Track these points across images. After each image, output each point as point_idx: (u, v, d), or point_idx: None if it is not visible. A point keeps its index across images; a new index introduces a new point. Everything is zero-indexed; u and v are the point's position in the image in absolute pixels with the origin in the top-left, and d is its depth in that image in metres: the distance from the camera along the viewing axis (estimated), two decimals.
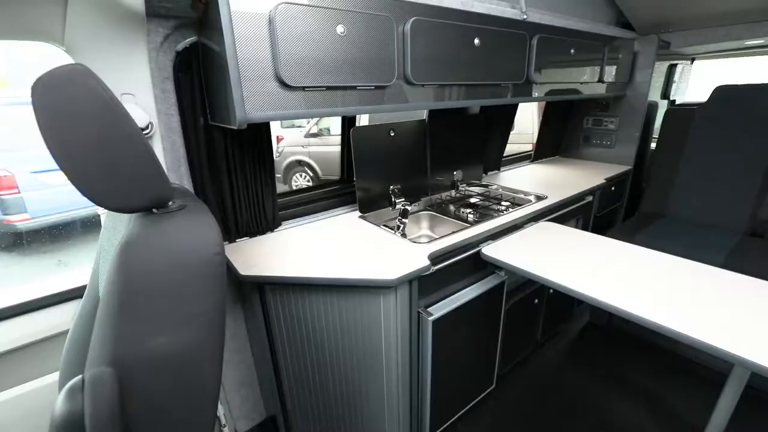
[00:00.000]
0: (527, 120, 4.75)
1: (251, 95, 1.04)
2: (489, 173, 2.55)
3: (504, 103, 1.79)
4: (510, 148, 3.24)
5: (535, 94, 1.89)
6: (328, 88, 1.16)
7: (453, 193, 2.14)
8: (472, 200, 2.04)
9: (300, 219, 1.77)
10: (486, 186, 2.23)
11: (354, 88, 1.22)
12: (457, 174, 2.16)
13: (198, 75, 1.25)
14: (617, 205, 2.67)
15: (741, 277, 1.24)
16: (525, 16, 1.66)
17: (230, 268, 1.36)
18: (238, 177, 1.45)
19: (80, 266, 1.78)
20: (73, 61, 1.03)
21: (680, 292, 1.17)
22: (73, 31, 1.00)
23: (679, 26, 2.39)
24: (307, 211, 1.81)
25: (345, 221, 1.72)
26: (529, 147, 3.18)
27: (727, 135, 2.24)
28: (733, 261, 1.83)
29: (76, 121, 0.54)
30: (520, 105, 2.50)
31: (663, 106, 2.99)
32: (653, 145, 2.72)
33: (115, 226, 0.83)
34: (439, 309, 1.42)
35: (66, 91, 0.53)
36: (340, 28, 1.12)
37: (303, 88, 1.12)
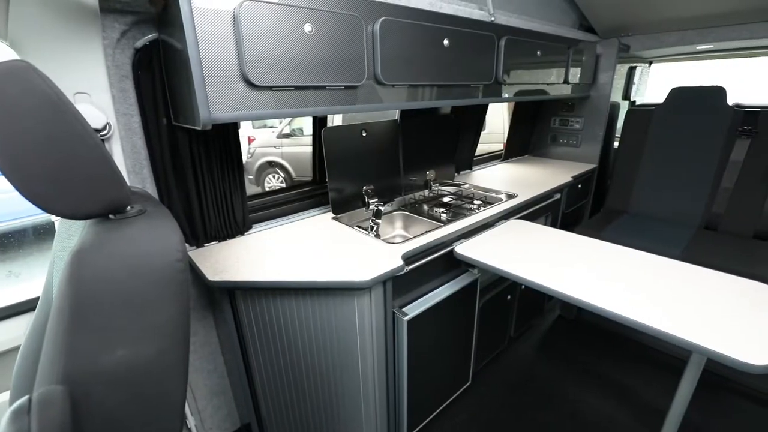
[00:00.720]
0: (498, 120, 4.87)
1: (216, 95, 1.01)
2: (461, 173, 2.58)
3: (474, 103, 1.82)
4: (482, 148, 3.30)
5: (505, 95, 1.93)
6: (297, 87, 1.14)
7: (426, 192, 2.15)
8: (445, 199, 2.07)
9: (272, 221, 1.73)
10: (458, 185, 2.26)
11: (324, 88, 1.20)
12: (430, 174, 2.18)
13: (160, 73, 1.20)
14: (584, 202, 2.77)
15: (697, 269, 1.31)
16: (492, 18, 1.69)
17: (198, 274, 1.31)
18: (205, 179, 1.40)
19: (33, 277, 1.68)
20: (18, 58, 0.97)
21: (642, 284, 1.23)
22: (17, 24, 0.94)
23: (637, 31, 2.51)
24: (279, 213, 1.78)
25: (318, 223, 1.70)
26: (501, 146, 3.25)
27: (682, 134, 2.37)
28: (690, 253, 1.94)
29: (17, 121, 0.50)
30: (491, 105, 2.55)
31: (625, 107, 3.12)
32: (616, 143, 2.84)
33: (70, 233, 0.79)
34: (414, 308, 1.42)
35: (5, 89, 0.50)
36: (307, 27, 1.10)
37: (270, 88, 1.10)
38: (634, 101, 3.30)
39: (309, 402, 1.49)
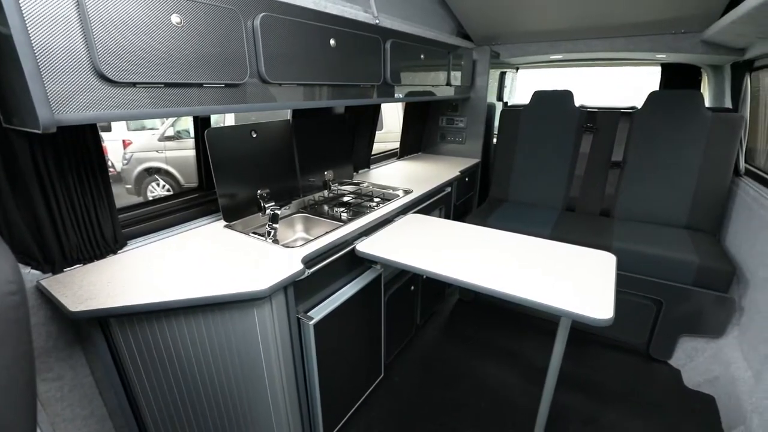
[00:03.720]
0: (396, 119, 5.07)
1: (60, 92, 0.85)
2: (360, 171, 2.63)
3: (367, 103, 1.86)
4: (380, 147, 3.40)
5: (398, 95, 2.02)
6: (167, 85, 1.02)
7: (326, 193, 2.14)
8: (345, 199, 2.08)
9: (153, 235, 1.54)
10: (357, 184, 2.29)
11: (200, 85, 1.10)
12: (328, 174, 2.17)
13: None
14: (471, 194, 3.05)
15: (560, 245, 1.54)
16: (377, 21, 1.75)
17: (57, 306, 1.10)
18: (57, 192, 1.17)
19: None
20: None
21: (519, 263, 1.39)
22: None
23: (505, 40, 2.85)
24: (163, 225, 1.59)
25: (208, 233, 1.56)
26: (398, 145, 3.39)
27: (545, 130, 2.76)
28: (556, 232, 2.27)
29: None
30: (389, 105, 2.65)
31: (500, 107, 3.52)
32: (495, 140, 3.19)
33: None
34: (320, 311, 1.40)
35: None
36: (175, 18, 0.99)
37: (134, 85, 0.96)
38: (507, 102, 3.74)
39: (214, 428, 1.37)
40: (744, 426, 1.47)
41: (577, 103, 2.71)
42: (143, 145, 5.47)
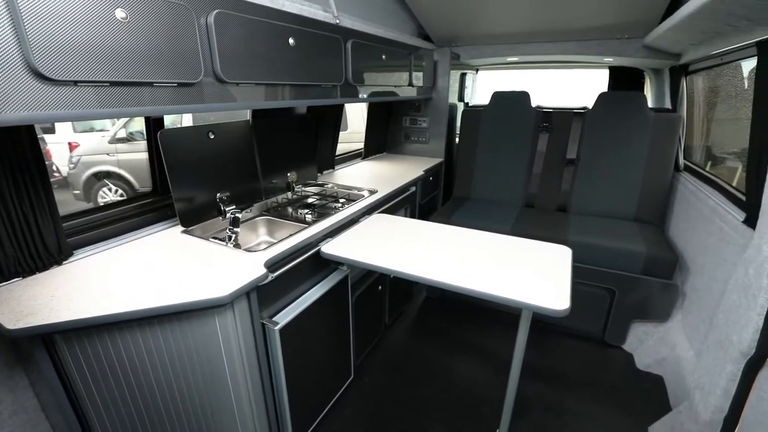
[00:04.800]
0: (361, 120, 5.06)
1: None
2: (324, 172, 2.60)
3: (329, 103, 1.85)
4: (346, 147, 3.39)
5: (362, 96, 2.01)
6: (113, 83, 0.96)
7: (289, 195, 2.10)
8: (309, 200, 2.05)
9: (103, 243, 1.45)
10: (322, 185, 2.27)
11: (150, 84, 1.05)
12: (292, 175, 2.13)
13: None
14: (436, 192, 3.10)
15: (520, 240, 1.60)
16: (337, 21, 1.73)
17: None
18: None
19: None
20: None
21: (483, 259, 1.43)
22: None
23: (464, 42, 2.92)
24: (115, 232, 1.50)
25: (164, 239, 1.49)
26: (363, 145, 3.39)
27: (504, 130, 2.86)
28: (517, 228, 2.36)
29: None
30: (353, 106, 2.63)
31: (461, 108, 3.60)
32: (457, 140, 3.26)
33: None
34: (285, 315, 1.37)
35: None
36: (120, 13, 0.94)
37: (75, 83, 0.90)
38: (468, 103, 3.84)
39: None
40: (688, 401, 1.59)
41: (533, 104, 2.82)
42: (92, 148, 5.14)
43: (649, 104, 2.82)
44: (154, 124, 1.59)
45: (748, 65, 1.88)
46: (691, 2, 1.42)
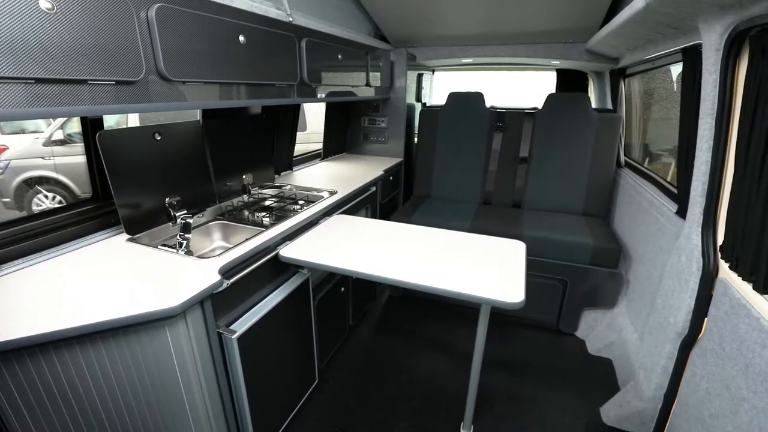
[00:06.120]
0: (320, 120, 4.99)
1: None
2: (282, 174, 2.54)
3: (284, 103, 1.80)
4: (306, 147, 3.32)
5: (320, 96, 1.98)
6: (39, 80, 0.88)
7: (245, 197, 2.03)
8: (267, 203, 1.99)
9: (37, 255, 1.33)
10: (280, 187, 2.21)
11: (84, 82, 0.97)
12: (247, 177, 2.05)
13: None
14: (396, 192, 3.12)
15: (478, 236, 1.65)
16: (290, 19, 1.70)
17: None
18: None
19: None
20: None
21: (443, 256, 1.46)
22: None
23: (419, 43, 2.96)
24: (49, 243, 1.38)
25: (108, 248, 1.39)
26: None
27: (461, 129, 2.93)
28: (475, 224, 2.42)
29: None
30: (312, 106, 2.59)
31: (419, 108, 3.65)
32: (417, 139, 3.30)
33: None
34: (244, 323, 1.32)
35: None
36: (44, 3, 0.86)
37: None
38: (425, 103, 3.90)
39: None
40: (633, 381, 1.71)
41: (488, 104, 2.92)
42: (24, 151, 4.70)
43: (593, 105, 3.00)
44: (91, 125, 1.47)
45: (676, 69, 2.06)
46: (624, 11, 1.52)
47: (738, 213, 1.18)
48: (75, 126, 4.77)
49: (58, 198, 4.80)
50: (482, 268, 1.38)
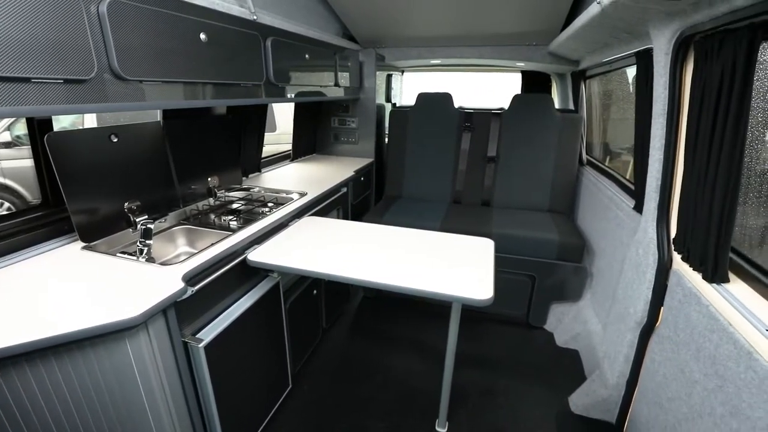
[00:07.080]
0: (290, 121, 4.90)
1: None
2: (250, 176, 2.48)
3: (250, 103, 1.75)
4: (276, 148, 3.26)
5: (289, 95, 1.94)
6: None
7: (211, 201, 1.96)
8: (234, 206, 1.93)
9: None
10: (248, 189, 2.15)
11: (28, 80, 0.90)
12: (213, 180, 1.99)
13: None
14: (368, 192, 3.12)
15: (448, 235, 1.67)
16: (255, 17, 1.65)
17: None
18: None
19: None
20: None
21: (414, 256, 1.47)
22: None
23: (388, 44, 2.96)
24: None
25: (60, 257, 1.30)
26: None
27: (430, 129, 2.96)
28: (445, 223, 2.46)
29: None
30: (282, 106, 2.53)
31: (389, 108, 3.66)
32: (387, 139, 3.31)
33: None
34: (211, 331, 1.28)
35: None
36: None
37: None
38: (395, 103, 3.91)
39: None
40: (599, 370, 1.78)
41: (456, 105, 2.96)
42: None
43: (556, 105, 3.11)
44: (38, 127, 1.38)
45: (632, 72, 2.17)
46: (582, 15, 1.59)
47: (688, 207, 1.25)
48: (23, 127, 4.46)
49: (7, 205, 4.48)
50: (453, 266, 1.39)
